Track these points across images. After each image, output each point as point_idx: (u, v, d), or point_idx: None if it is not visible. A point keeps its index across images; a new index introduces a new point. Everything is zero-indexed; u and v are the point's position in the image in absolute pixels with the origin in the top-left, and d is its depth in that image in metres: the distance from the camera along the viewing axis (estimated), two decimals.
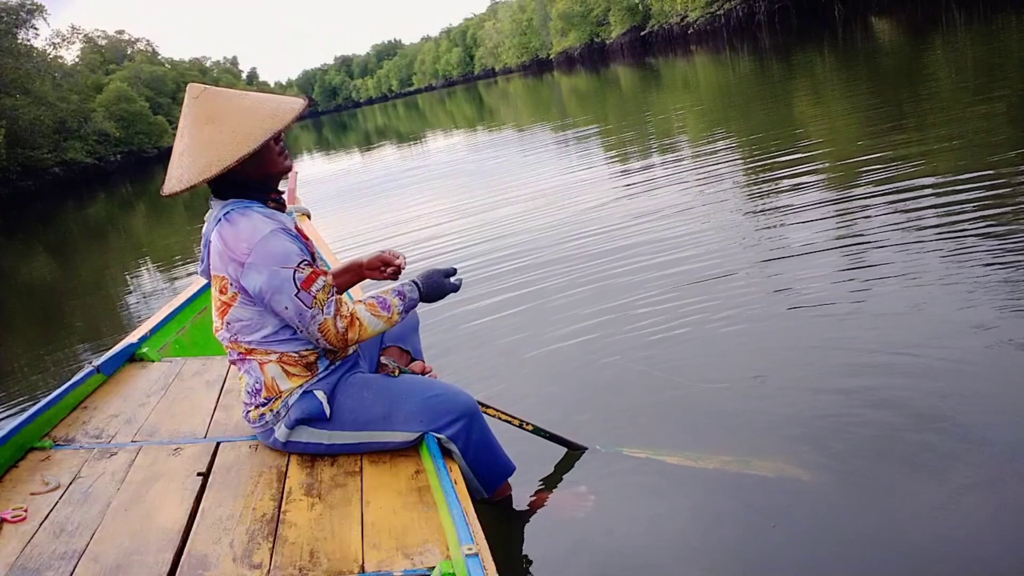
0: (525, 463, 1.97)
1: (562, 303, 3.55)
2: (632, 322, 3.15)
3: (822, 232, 3.73)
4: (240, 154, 1.56)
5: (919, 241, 3.30)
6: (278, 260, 1.60)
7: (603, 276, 3.79)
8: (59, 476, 1.71)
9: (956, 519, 1.67)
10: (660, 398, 2.44)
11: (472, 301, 3.84)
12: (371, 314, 1.71)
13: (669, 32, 42.18)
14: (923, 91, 7.68)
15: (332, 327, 1.66)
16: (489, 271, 4.36)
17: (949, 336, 2.41)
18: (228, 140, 1.57)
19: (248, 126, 1.59)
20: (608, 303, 3.40)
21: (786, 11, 30.89)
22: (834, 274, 3.17)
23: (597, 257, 4.14)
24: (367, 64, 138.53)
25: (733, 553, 1.71)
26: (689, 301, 3.20)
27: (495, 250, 4.85)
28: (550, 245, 4.64)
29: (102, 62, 48.33)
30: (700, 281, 3.42)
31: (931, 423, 1.98)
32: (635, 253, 4.04)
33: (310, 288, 1.62)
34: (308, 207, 3.24)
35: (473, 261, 4.65)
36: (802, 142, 6.38)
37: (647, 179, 6.25)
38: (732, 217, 4.45)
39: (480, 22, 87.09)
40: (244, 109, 1.61)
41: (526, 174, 8.24)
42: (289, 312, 1.63)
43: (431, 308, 3.74)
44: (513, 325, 3.41)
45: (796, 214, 4.15)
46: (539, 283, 3.92)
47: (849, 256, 3.36)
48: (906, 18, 19.32)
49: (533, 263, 4.33)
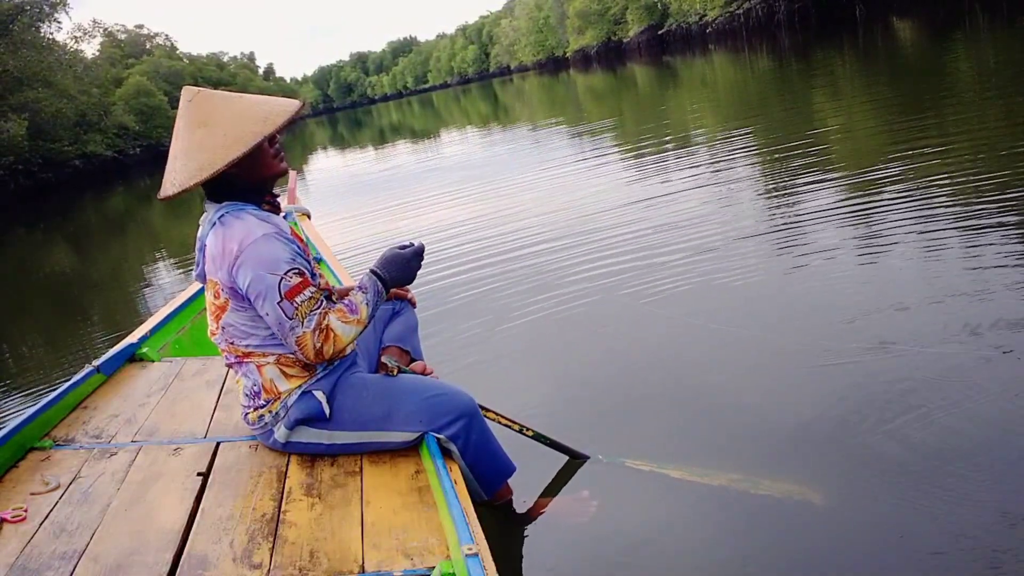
0: (525, 469, 1.95)
1: (569, 307, 3.51)
2: (641, 327, 3.12)
3: (840, 239, 3.66)
4: (230, 157, 1.56)
5: (940, 250, 3.22)
6: (265, 265, 1.60)
7: (612, 280, 3.75)
8: (59, 476, 1.71)
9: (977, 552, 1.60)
10: (666, 410, 2.39)
11: (475, 301, 3.82)
12: (342, 322, 1.67)
13: (687, 31, 41.88)
14: (944, 93, 7.56)
15: (309, 341, 1.64)
16: (495, 271, 4.34)
17: (974, 357, 2.29)
18: (219, 143, 1.58)
19: (239, 130, 1.59)
20: (618, 308, 3.37)
21: (806, 11, 30.53)
22: (855, 287, 3.07)
23: (606, 261, 4.09)
24: (382, 61, 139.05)
25: (734, 571, 1.68)
26: (704, 309, 3.15)
27: (501, 251, 4.82)
28: (559, 248, 4.60)
29: (122, 56, 48.83)
30: (715, 288, 3.36)
31: (955, 452, 1.89)
32: (647, 258, 3.98)
33: (294, 299, 1.61)
34: (308, 207, 3.23)
35: (479, 261, 4.63)
36: (820, 143, 6.30)
37: (659, 180, 6.20)
38: (747, 221, 4.39)
39: (496, 19, 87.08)
40: (236, 112, 1.62)
41: (536, 174, 8.21)
42: (270, 319, 1.63)
43: (431, 308, 3.75)
44: (517, 327, 3.38)
45: (813, 218, 4.09)
46: (546, 286, 3.89)
47: (869, 267, 3.28)
48: (928, 19, 19.04)
49: (538, 265, 4.30)
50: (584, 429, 2.30)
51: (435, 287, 4.18)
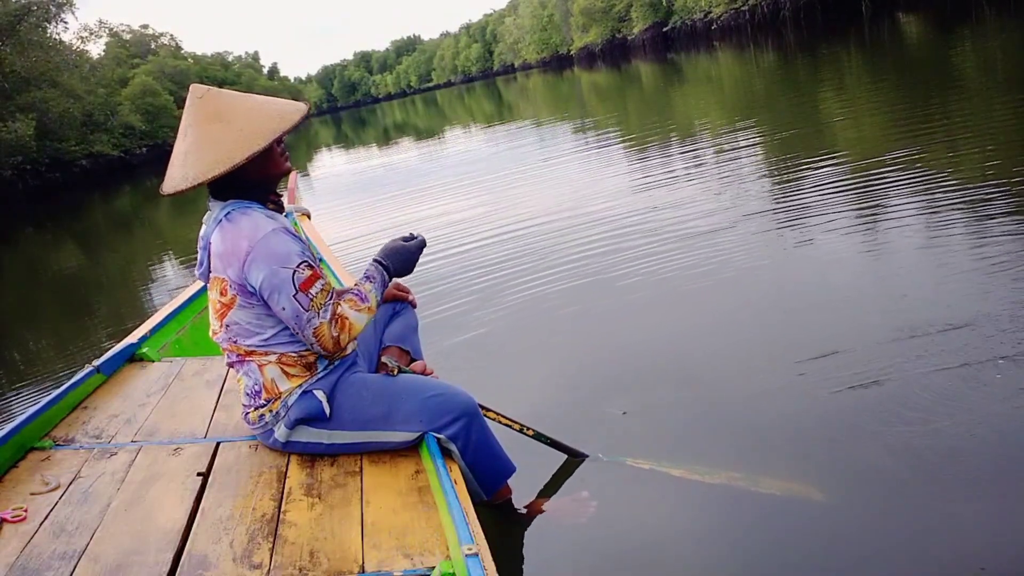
0: (525, 468, 1.94)
1: (570, 306, 3.51)
2: (643, 326, 3.11)
3: (846, 237, 3.64)
4: (251, 151, 1.56)
5: (947, 248, 3.20)
6: (279, 259, 1.60)
7: (614, 280, 3.74)
8: (59, 476, 1.72)
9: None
10: (667, 409, 2.38)
11: (476, 301, 3.82)
12: (355, 311, 1.71)
13: (692, 28, 41.69)
14: (951, 87, 7.50)
15: (327, 331, 1.66)
16: (496, 271, 4.33)
17: (978, 354, 2.27)
18: (237, 137, 1.57)
19: (256, 125, 1.59)
20: (619, 308, 3.36)
21: (812, 7, 30.33)
22: (860, 285, 3.04)
23: (608, 261, 4.08)
24: (386, 60, 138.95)
25: (735, 571, 1.67)
26: (706, 307, 3.14)
27: (502, 251, 4.80)
28: (560, 248, 4.58)
29: (127, 56, 48.98)
30: (716, 287, 3.35)
31: (959, 452, 1.87)
32: (649, 258, 3.96)
33: (308, 290, 1.62)
34: (308, 207, 3.23)
35: (480, 261, 4.62)
36: (826, 138, 6.26)
37: (665, 180, 6.18)
38: (753, 222, 4.35)
39: (500, 17, 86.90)
40: (251, 108, 1.62)
41: (540, 172, 8.20)
42: (286, 313, 1.63)
43: (432, 307, 3.75)
44: (517, 327, 3.38)
45: (818, 214, 4.07)
46: (546, 285, 3.88)
47: (874, 264, 3.26)
48: (935, 13, 18.89)
49: (540, 265, 4.29)
50: (584, 428, 2.30)
51: (436, 286, 4.18)
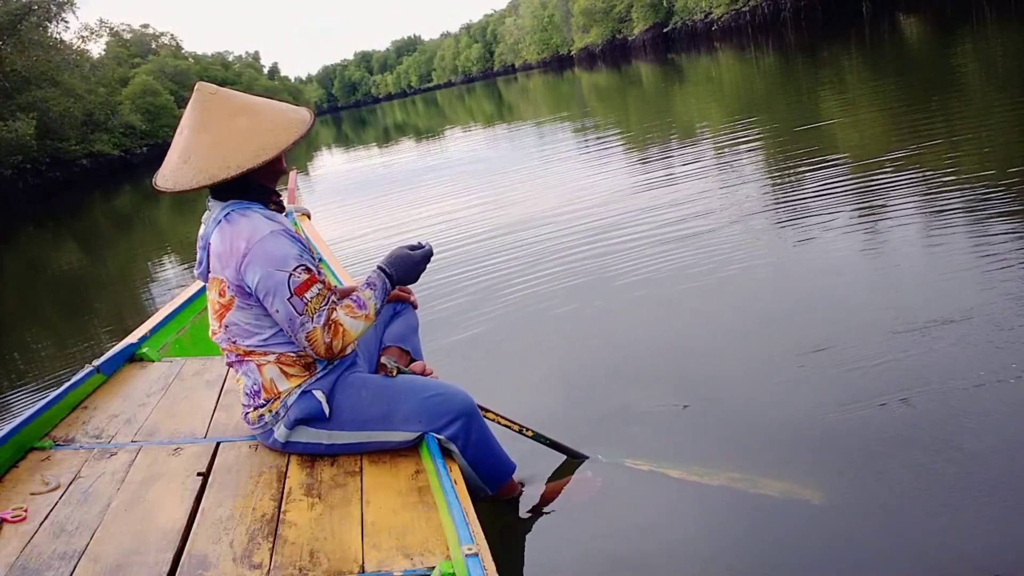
0: (524, 469, 1.95)
1: (569, 305, 3.51)
2: (642, 326, 3.10)
3: (844, 238, 3.64)
4: (288, 142, 1.58)
5: (946, 248, 3.19)
6: (275, 262, 1.59)
7: (614, 279, 3.74)
8: (59, 476, 1.72)
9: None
10: (667, 409, 2.38)
11: (476, 301, 3.81)
12: (351, 317, 1.69)
13: (692, 29, 41.72)
14: (951, 88, 7.50)
15: (320, 336, 1.65)
16: (496, 271, 4.33)
17: (978, 353, 2.28)
18: (271, 128, 1.58)
19: (284, 118, 1.61)
20: (619, 307, 3.36)
21: (812, 8, 30.35)
22: (858, 285, 3.04)
23: (608, 261, 4.08)
24: (386, 60, 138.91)
25: (735, 572, 1.67)
26: (705, 307, 3.14)
27: (502, 251, 4.80)
28: (560, 248, 4.58)
29: (128, 56, 48.96)
30: (717, 286, 3.34)
31: (955, 453, 1.87)
32: (649, 258, 3.95)
33: (303, 294, 1.61)
34: (308, 207, 3.23)
35: (480, 261, 4.62)
36: (826, 139, 6.26)
37: (665, 180, 6.18)
38: (753, 219, 4.36)
39: (501, 18, 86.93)
40: (269, 104, 1.64)
41: (540, 172, 8.20)
42: (280, 315, 1.63)
43: (432, 307, 3.74)
44: (517, 327, 3.38)
45: (817, 215, 4.07)
46: (546, 284, 3.88)
47: (872, 265, 3.26)
48: (935, 15, 18.90)
49: (540, 264, 4.29)
50: (584, 429, 2.30)
51: (436, 286, 4.17)
